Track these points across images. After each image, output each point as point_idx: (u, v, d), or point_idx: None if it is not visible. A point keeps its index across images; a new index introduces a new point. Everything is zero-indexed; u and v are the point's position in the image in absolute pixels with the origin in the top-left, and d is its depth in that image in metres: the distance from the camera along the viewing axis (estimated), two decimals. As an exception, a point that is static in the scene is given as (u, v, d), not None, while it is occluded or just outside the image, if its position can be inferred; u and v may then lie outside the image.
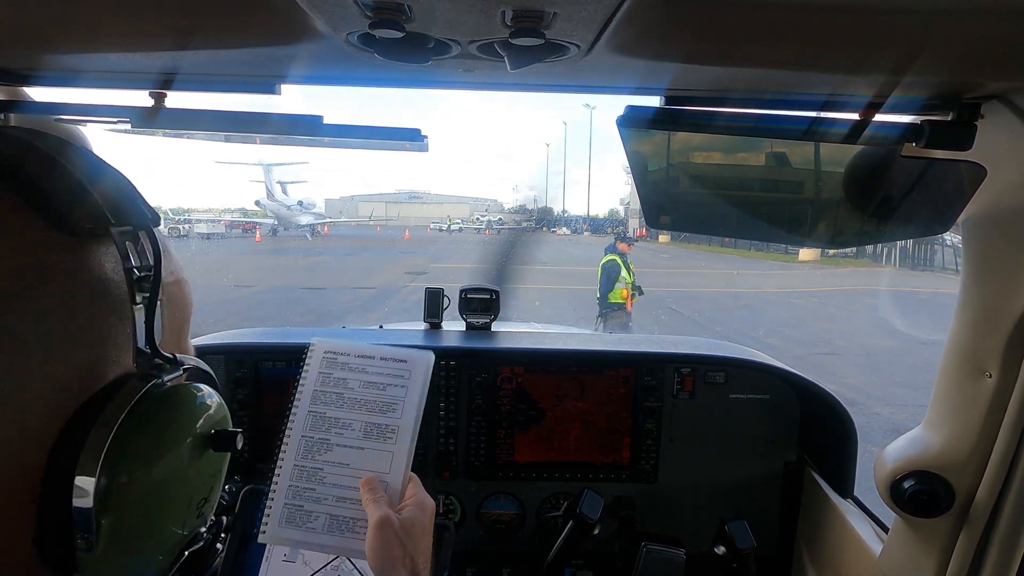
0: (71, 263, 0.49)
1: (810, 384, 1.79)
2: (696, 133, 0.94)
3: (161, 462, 0.51)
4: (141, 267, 0.52)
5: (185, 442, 0.53)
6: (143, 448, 0.50)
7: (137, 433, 0.49)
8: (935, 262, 27.64)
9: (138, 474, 0.49)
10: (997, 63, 0.75)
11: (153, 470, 0.50)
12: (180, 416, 0.54)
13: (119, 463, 0.47)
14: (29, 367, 0.46)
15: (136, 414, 0.49)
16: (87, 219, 0.50)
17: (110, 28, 0.73)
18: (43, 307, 0.46)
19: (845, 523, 1.51)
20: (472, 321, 2.02)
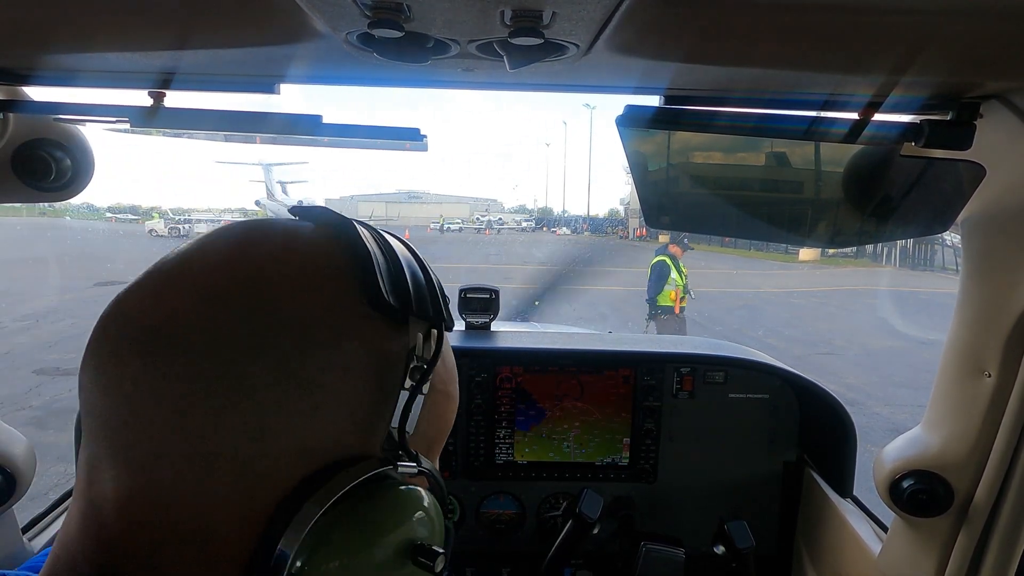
0: (369, 336, 0.50)
1: (810, 384, 1.79)
2: (696, 133, 0.94)
3: (359, 554, 0.47)
4: (421, 358, 0.52)
5: (388, 542, 0.49)
6: (347, 532, 0.47)
7: (348, 514, 0.47)
8: (935, 262, 27.64)
9: (335, 560, 0.46)
10: (997, 63, 0.75)
11: (349, 560, 0.47)
12: (393, 512, 0.50)
13: (319, 539, 0.46)
14: (318, 422, 0.48)
15: (356, 494, 0.48)
16: (400, 303, 0.51)
17: (109, 28, 0.73)
18: (342, 363, 0.48)
19: (844, 523, 1.51)
20: (472, 321, 2.02)
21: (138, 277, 0.51)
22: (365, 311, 0.50)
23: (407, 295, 0.52)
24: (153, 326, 0.47)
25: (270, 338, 0.46)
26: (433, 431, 0.58)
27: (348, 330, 0.49)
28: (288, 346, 0.47)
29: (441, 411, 0.58)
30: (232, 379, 0.45)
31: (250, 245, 0.52)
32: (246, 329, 0.46)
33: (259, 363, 0.46)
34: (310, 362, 0.47)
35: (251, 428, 0.45)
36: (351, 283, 0.51)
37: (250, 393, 0.45)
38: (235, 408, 0.45)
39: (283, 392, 0.46)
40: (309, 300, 0.49)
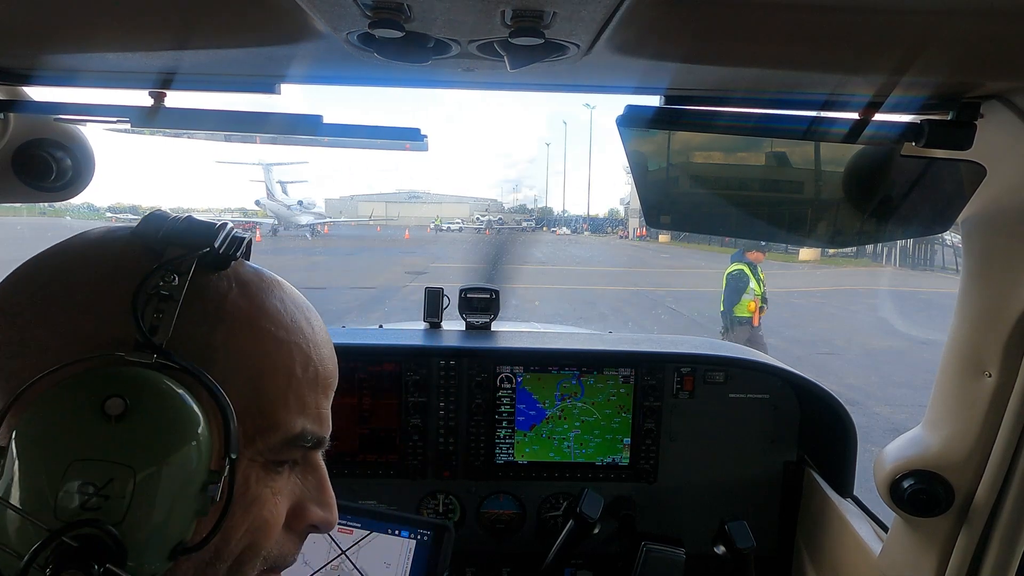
0: (125, 256, 0.57)
1: (810, 384, 1.79)
2: (696, 133, 0.94)
3: (40, 416, 0.50)
4: (167, 270, 0.57)
5: (75, 404, 0.51)
6: (35, 409, 0.51)
7: (45, 399, 0.51)
8: (935, 262, 27.63)
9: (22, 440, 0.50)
10: (997, 63, 0.75)
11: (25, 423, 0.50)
12: (86, 379, 0.53)
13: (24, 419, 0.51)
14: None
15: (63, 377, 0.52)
16: (149, 229, 0.59)
17: (110, 28, 0.73)
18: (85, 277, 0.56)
19: (845, 522, 1.51)
20: (472, 321, 2.02)
21: None
22: (129, 246, 0.57)
23: (161, 226, 0.57)
24: None
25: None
26: (249, 372, 0.56)
27: (106, 257, 0.56)
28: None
29: (248, 348, 0.56)
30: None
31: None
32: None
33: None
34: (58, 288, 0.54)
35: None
36: (123, 232, 0.59)
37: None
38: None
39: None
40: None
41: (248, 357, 0.57)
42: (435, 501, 1.87)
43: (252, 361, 0.57)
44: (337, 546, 1.27)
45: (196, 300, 0.55)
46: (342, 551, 1.27)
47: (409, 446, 1.82)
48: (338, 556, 1.26)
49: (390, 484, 1.84)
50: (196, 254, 0.55)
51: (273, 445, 0.57)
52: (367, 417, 1.82)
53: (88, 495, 0.46)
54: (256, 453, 0.57)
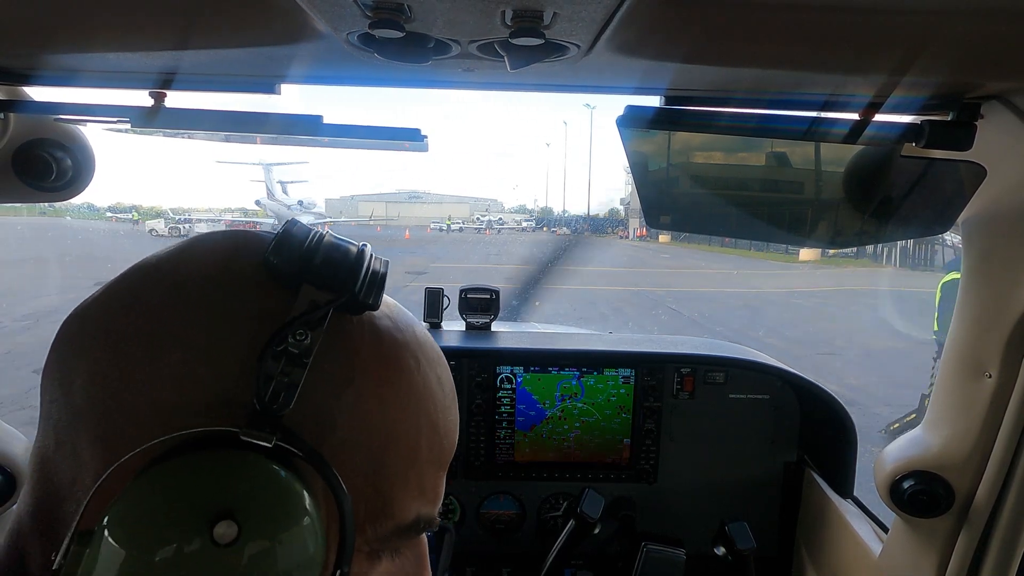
0: (251, 293, 0.48)
1: (810, 384, 1.79)
2: (696, 133, 0.94)
3: (135, 536, 0.40)
4: (304, 323, 0.46)
5: (174, 521, 0.41)
6: (129, 509, 0.41)
7: (158, 474, 0.43)
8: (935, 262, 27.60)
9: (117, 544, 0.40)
10: (997, 63, 0.75)
11: (126, 543, 0.40)
12: (204, 475, 0.43)
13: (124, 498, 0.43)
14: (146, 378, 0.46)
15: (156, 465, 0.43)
16: (280, 262, 0.48)
17: (110, 27, 0.73)
18: (213, 319, 0.47)
19: (845, 523, 1.51)
20: (472, 321, 2.02)
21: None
22: (257, 276, 0.47)
23: (296, 257, 0.47)
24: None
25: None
26: (372, 454, 0.47)
27: (230, 290, 0.47)
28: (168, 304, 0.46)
29: (367, 414, 0.47)
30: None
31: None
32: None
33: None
34: (176, 316, 0.46)
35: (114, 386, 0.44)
36: (253, 256, 0.48)
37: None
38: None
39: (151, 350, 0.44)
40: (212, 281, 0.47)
41: (373, 430, 0.47)
42: None
43: (377, 434, 0.47)
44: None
45: (325, 356, 0.45)
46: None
47: None
48: None
49: None
50: (337, 300, 0.46)
51: (383, 535, 0.48)
52: None
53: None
54: (363, 542, 0.47)
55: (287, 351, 0.43)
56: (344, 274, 0.47)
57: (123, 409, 0.43)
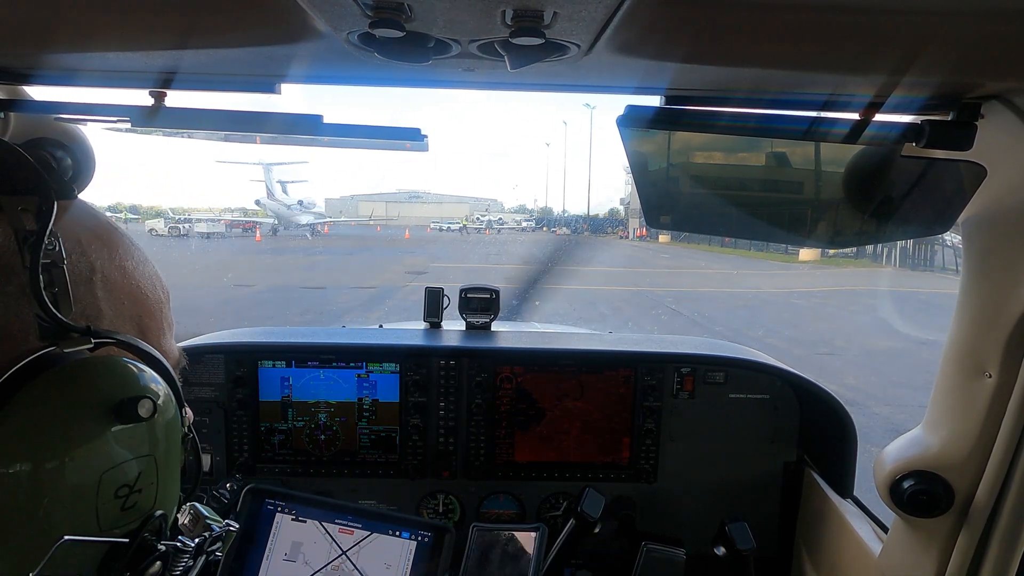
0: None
1: (810, 384, 1.79)
2: (696, 133, 0.94)
3: (47, 441, 0.45)
4: (30, 232, 0.48)
5: (73, 418, 0.47)
6: (22, 429, 0.45)
7: (21, 414, 0.45)
8: (935, 262, 27.63)
9: (15, 463, 0.44)
10: (997, 63, 0.75)
11: (32, 455, 0.44)
12: (70, 389, 0.47)
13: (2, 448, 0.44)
14: None
15: (28, 392, 0.45)
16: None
17: (110, 27, 0.73)
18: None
19: (845, 523, 1.51)
20: (472, 321, 2.02)
21: None
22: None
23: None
24: None
25: None
26: (130, 312, 0.56)
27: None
28: None
29: (124, 287, 0.55)
30: None
31: None
32: None
33: None
34: None
35: None
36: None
37: None
38: None
39: None
40: None
41: (128, 299, 0.56)
42: (435, 501, 1.87)
43: (132, 303, 0.56)
44: (338, 547, 1.27)
45: (68, 256, 0.50)
46: (343, 551, 1.27)
47: (409, 446, 1.82)
48: (339, 556, 1.26)
49: (390, 484, 1.84)
50: (51, 201, 0.50)
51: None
52: (367, 417, 1.82)
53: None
54: None
55: (47, 265, 0.48)
56: (28, 177, 0.50)
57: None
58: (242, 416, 1.79)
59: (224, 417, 1.78)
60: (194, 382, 1.78)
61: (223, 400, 1.78)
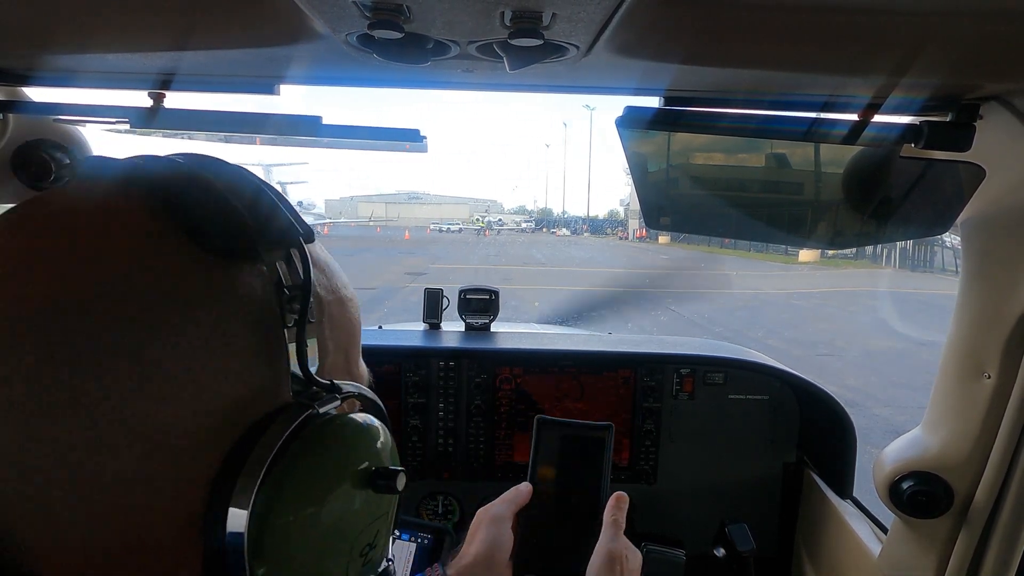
0: (220, 288, 0.44)
1: (809, 385, 1.79)
2: (696, 134, 0.94)
3: (318, 501, 0.45)
4: (293, 287, 0.47)
5: (342, 480, 0.47)
6: (298, 486, 0.44)
7: (292, 469, 0.44)
8: (935, 263, 27.66)
9: (292, 514, 0.44)
10: (996, 64, 0.75)
11: (309, 510, 0.45)
12: (336, 451, 0.47)
13: (272, 502, 0.43)
14: (179, 405, 0.41)
15: (290, 448, 0.44)
16: (234, 237, 0.45)
17: (109, 28, 0.73)
18: (192, 338, 0.42)
19: (844, 524, 1.51)
20: (471, 321, 2.02)
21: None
22: (196, 257, 0.43)
23: (242, 223, 0.45)
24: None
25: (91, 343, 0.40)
26: (344, 344, 0.55)
27: (186, 292, 0.43)
28: (115, 338, 0.40)
29: (342, 321, 0.54)
30: (67, 393, 0.39)
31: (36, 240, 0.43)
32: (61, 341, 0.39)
33: (81, 374, 0.39)
34: (154, 345, 0.41)
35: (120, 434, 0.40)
36: (166, 235, 0.43)
37: (94, 408, 0.39)
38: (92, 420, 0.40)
39: (144, 384, 0.40)
40: (129, 274, 0.42)
41: (343, 331, 0.55)
42: (434, 502, 1.86)
43: (346, 334, 0.56)
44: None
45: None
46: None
47: (408, 447, 1.81)
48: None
49: None
50: (304, 248, 0.48)
51: None
52: None
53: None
54: None
55: (296, 320, 0.46)
56: (283, 222, 0.48)
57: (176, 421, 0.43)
58: None
59: None
60: None
61: None
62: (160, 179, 0.45)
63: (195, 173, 0.47)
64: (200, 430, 0.42)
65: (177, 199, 0.44)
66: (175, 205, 0.44)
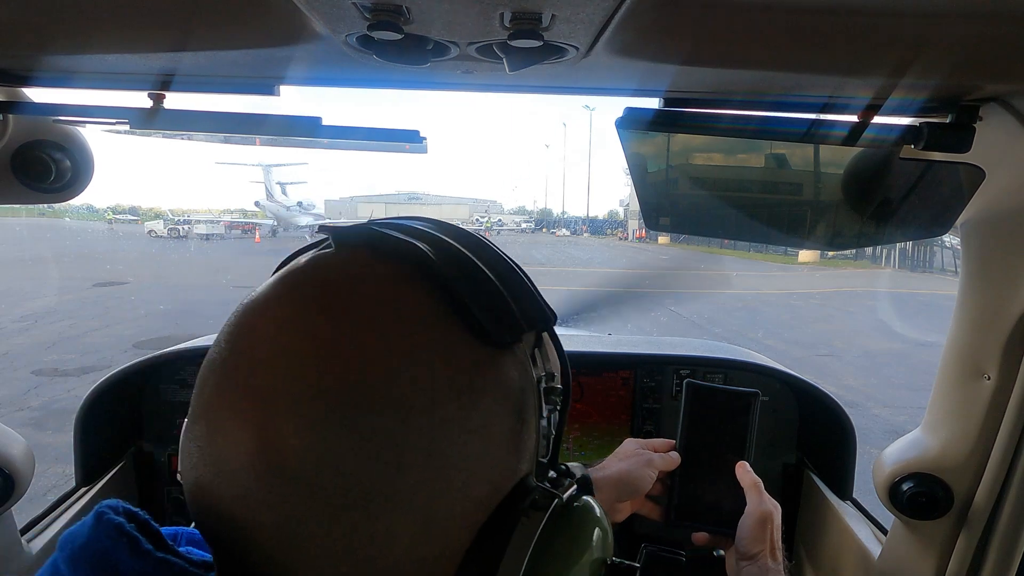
0: (492, 377, 0.46)
1: (809, 386, 1.79)
2: (695, 135, 0.94)
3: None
4: (549, 375, 0.49)
5: (588, 567, 0.49)
6: (554, 570, 0.46)
7: (548, 552, 0.46)
8: (934, 264, 27.68)
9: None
10: (996, 65, 0.75)
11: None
12: (584, 537, 0.49)
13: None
14: (452, 488, 0.44)
15: (542, 534, 0.46)
16: (509, 330, 0.47)
17: (109, 29, 0.73)
18: (471, 427, 0.44)
19: (844, 525, 1.51)
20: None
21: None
22: (474, 347, 0.45)
23: (512, 314, 0.47)
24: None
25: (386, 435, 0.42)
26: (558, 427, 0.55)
27: (468, 382, 0.45)
28: (408, 426, 0.42)
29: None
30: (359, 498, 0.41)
31: (335, 331, 0.43)
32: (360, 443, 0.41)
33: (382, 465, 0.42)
34: (443, 436, 0.43)
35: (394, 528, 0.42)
36: (447, 325, 0.45)
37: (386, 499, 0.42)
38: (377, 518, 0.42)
39: (429, 474, 0.43)
40: (421, 365, 0.43)
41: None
42: None
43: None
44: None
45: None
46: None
47: None
48: None
49: None
50: (552, 330, 0.52)
51: None
52: None
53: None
54: None
55: (551, 407, 0.49)
56: (539, 308, 0.50)
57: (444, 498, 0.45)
58: None
59: None
60: (193, 383, 1.77)
61: None
62: (439, 264, 0.46)
63: (469, 260, 0.48)
64: (465, 513, 0.45)
65: (458, 290, 0.46)
66: (457, 296, 0.45)
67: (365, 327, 0.43)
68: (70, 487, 1.58)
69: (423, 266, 0.46)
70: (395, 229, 0.49)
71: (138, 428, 1.77)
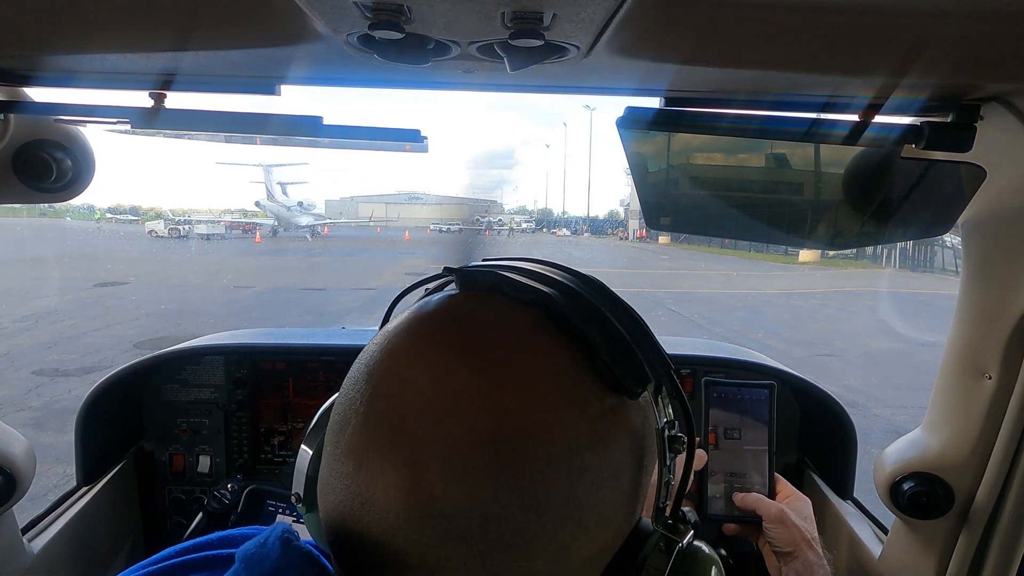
0: (622, 426, 0.48)
1: (809, 385, 1.79)
2: (696, 135, 0.94)
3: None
4: (670, 423, 0.51)
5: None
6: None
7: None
8: (935, 263, 27.66)
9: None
10: (997, 65, 0.75)
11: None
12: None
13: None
14: (586, 531, 0.46)
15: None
16: (638, 379, 0.48)
17: (110, 29, 0.73)
18: (604, 474, 0.46)
19: (845, 524, 1.51)
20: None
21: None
22: (602, 396, 0.47)
23: (639, 362, 0.48)
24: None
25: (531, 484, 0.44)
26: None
27: (601, 431, 0.46)
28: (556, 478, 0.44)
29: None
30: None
31: (486, 388, 0.45)
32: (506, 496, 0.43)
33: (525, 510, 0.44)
34: (580, 483, 0.45)
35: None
36: (580, 374, 0.46)
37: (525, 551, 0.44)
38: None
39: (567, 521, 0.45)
40: (559, 416, 0.45)
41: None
42: None
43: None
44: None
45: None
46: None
47: None
48: None
49: None
50: (672, 377, 0.53)
51: None
52: None
53: None
54: None
55: (673, 455, 0.51)
56: (659, 357, 0.51)
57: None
58: (242, 417, 1.79)
59: (224, 418, 1.78)
60: (194, 383, 1.78)
61: (223, 401, 1.78)
62: (570, 312, 0.48)
63: (596, 308, 0.49)
64: (595, 555, 0.47)
65: (590, 339, 0.47)
66: (589, 345, 0.47)
67: (509, 379, 0.45)
68: (71, 487, 1.58)
69: (554, 314, 0.48)
70: (518, 273, 0.51)
71: (139, 428, 1.77)
